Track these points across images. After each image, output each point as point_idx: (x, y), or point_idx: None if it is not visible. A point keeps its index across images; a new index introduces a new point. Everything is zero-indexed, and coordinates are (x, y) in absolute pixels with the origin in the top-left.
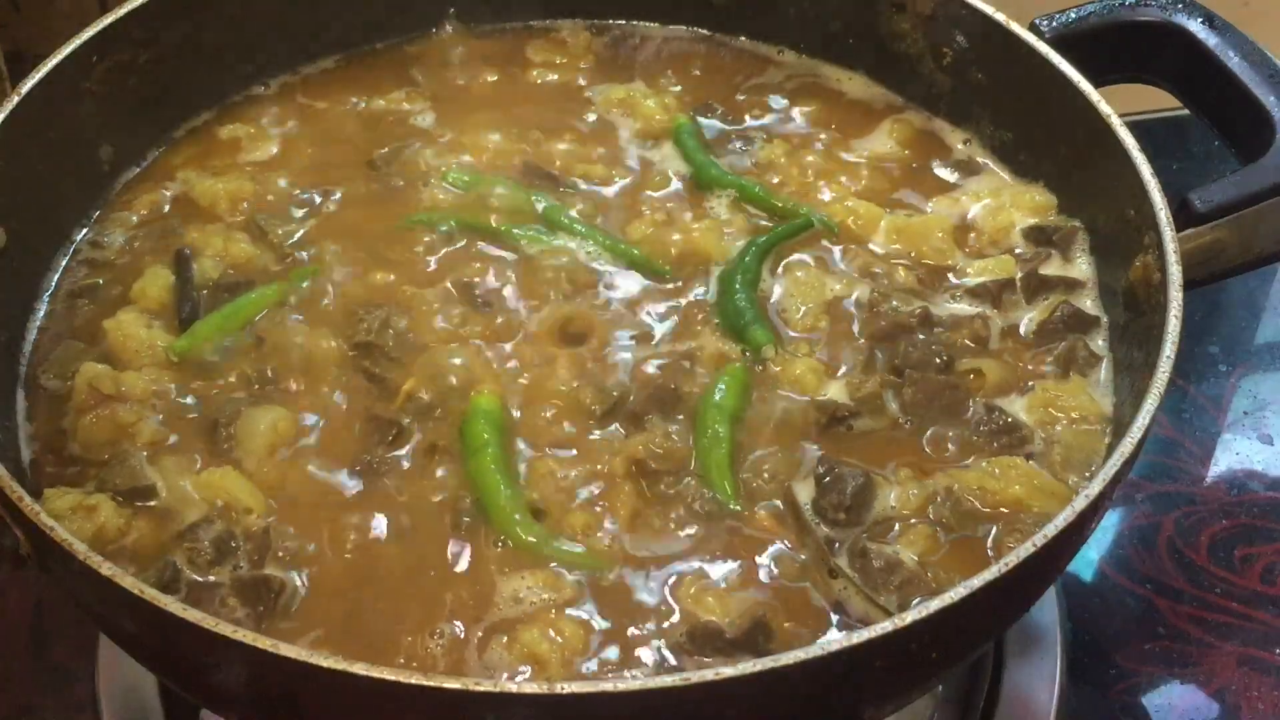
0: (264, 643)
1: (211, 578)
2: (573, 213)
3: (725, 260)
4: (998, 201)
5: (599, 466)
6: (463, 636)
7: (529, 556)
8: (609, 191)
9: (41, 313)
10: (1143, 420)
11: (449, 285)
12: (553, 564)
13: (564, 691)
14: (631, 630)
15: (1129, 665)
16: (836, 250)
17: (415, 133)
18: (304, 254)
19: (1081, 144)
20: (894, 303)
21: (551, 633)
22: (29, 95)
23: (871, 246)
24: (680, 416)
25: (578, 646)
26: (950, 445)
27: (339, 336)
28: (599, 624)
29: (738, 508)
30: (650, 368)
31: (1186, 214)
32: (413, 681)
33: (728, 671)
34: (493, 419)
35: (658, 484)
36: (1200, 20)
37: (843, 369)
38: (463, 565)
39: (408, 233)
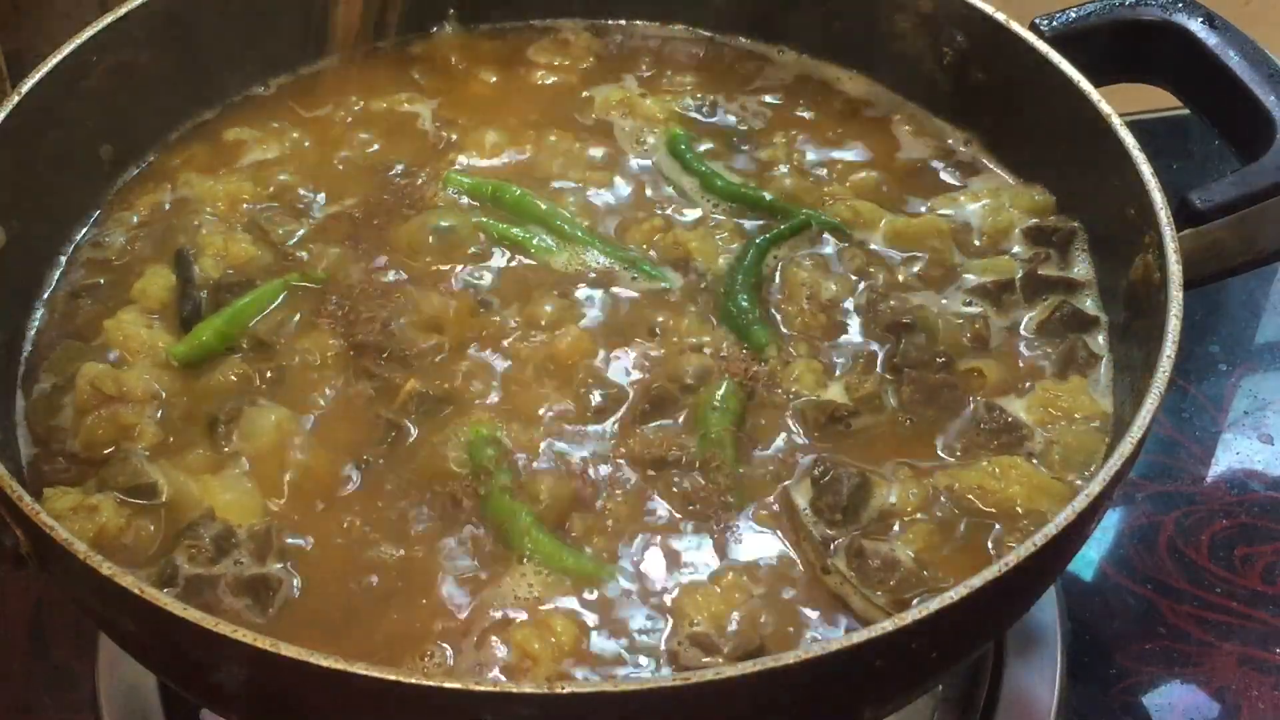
0: (264, 642)
1: (212, 576)
2: (572, 214)
3: (725, 261)
4: (997, 201)
5: (599, 468)
6: (460, 635)
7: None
8: (609, 193)
9: (41, 313)
10: (1143, 420)
11: (449, 286)
12: (566, 573)
13: (564, 691)
14: (629, 630)
15: (1129, 665)
16: (836, 250)
17: (415, 133)
18: (304, 254)
19: (1081, 144)
20: (893, 302)
21: (547, 633)
22: (29, 95)
23: (871, 246)
24: (681, 418)
25: (574, 646)
26: (950, 444)
27: (339, 336)
28: (597, 625)
29: (737, 508)
30: (651, 370)
31: (1186, 213)
32: (413, 681)
33: (728, 671)
34: (496, 443)
35: (657, 485)
36: (1200, 20)
37: (842, 369)
38: (461, 564)
39: (408, 233)
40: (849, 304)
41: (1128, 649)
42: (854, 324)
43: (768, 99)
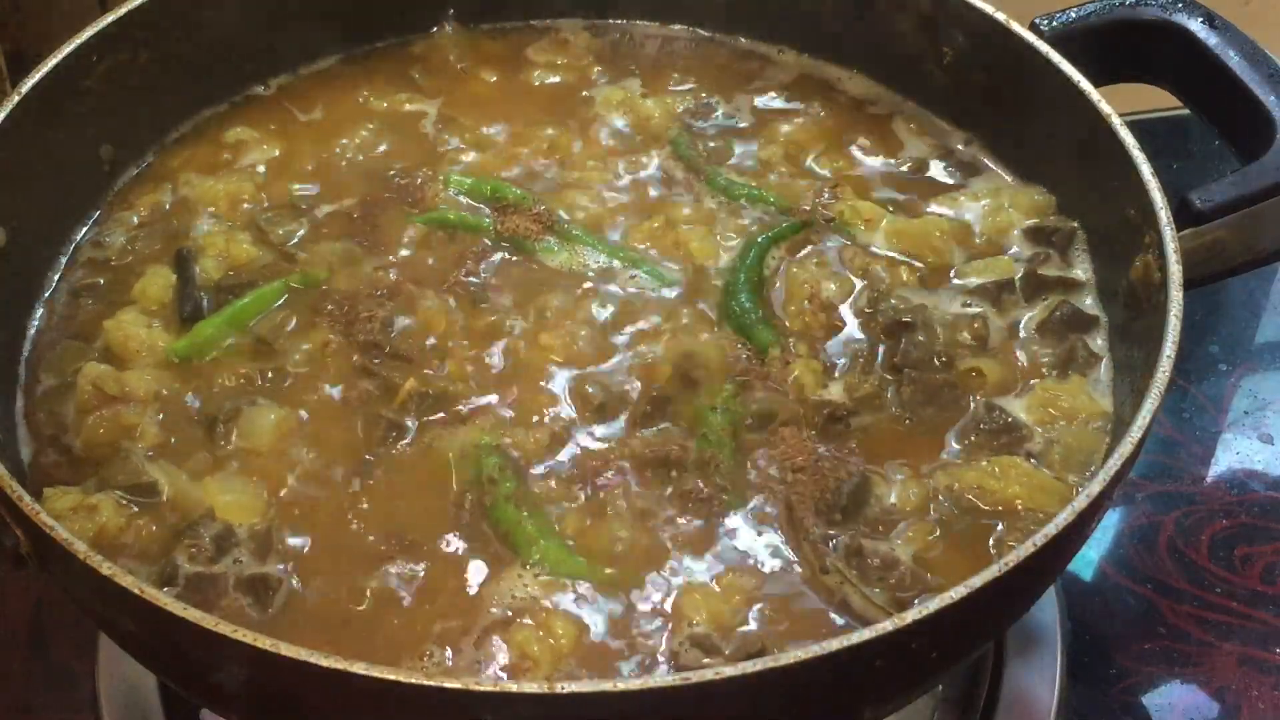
0: (264, 642)
1: (212, 575)
2: (571, 214)
3: (725, 261)
4: (997, 202)
5: (599, 469)
6: (460, 635)
7: (521, 557)
8: (609, 192)
9: (41, 313)
10: (1143, 420)
11: (449, 285)
12: (573, 578)
13: (564, 691)
14: (630, 631)
15: (1129, 665)
16: (836, 250)
17: (415, 133)
18: (304, 254)
19: (1081, 144)
20: (893, 302)
21: (547, 634)
22: (29, 95)
23: (872, 246)
24: (681, 419)
25: (574, 647)
26: (950, 444)
27: (339, 336)
28: (595, 625)
29: (737, 509)
30: (651, 370)
31: (1186, 213)
32: (412, 681)
33: (728, 671)
34: (499, 451)
35: (658, 486)
36: (1200, 20)
37: (842, 369)
38: (461, 565)
39: (407, 233)
40: (849, 304)
41: (1128, 649)
42: (854, 323)
43: (768, 99)
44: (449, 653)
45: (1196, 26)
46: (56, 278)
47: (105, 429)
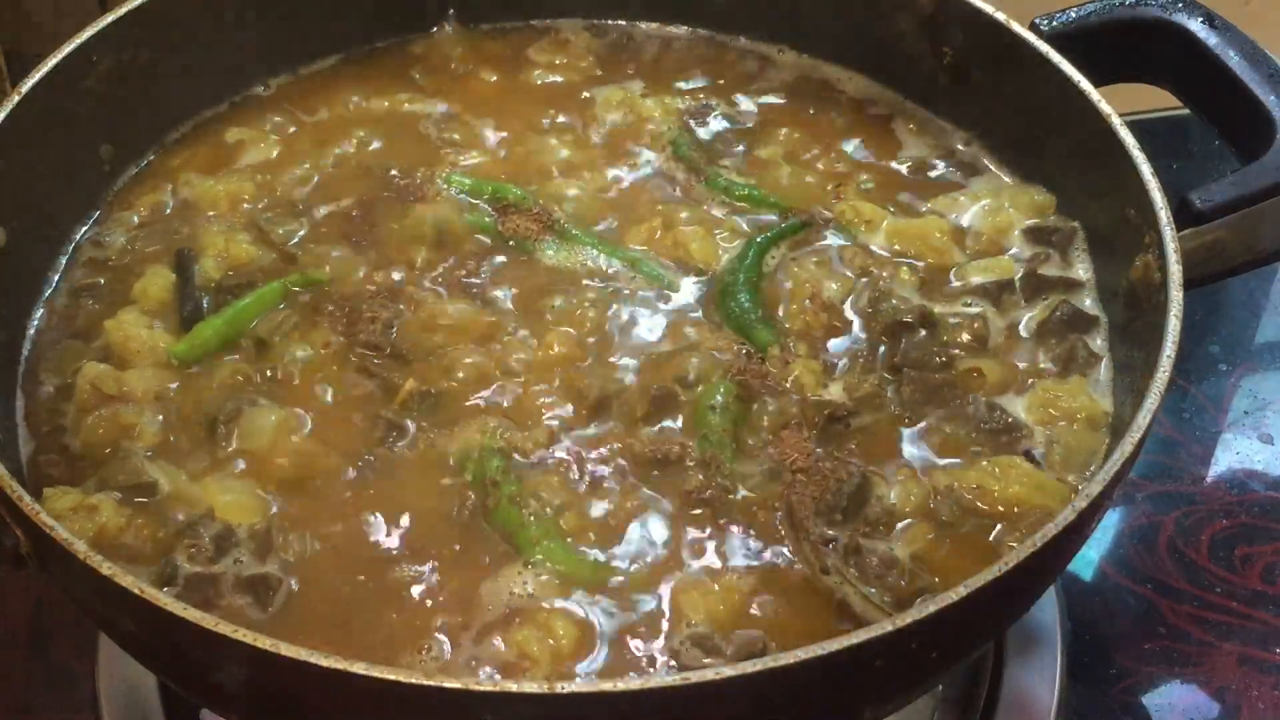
0: (264, 642)
1: (212, 575)
2: (571, 214)
3: (725, 261)
4: (997, 202)
5: (599, 468)
6: (458, 635)
7: (524, 557)
8: (609, 193)
9: (41, 313)
10: (1143, 420)
11: (450, 286)
12: (578, 579)
13: (564, 691)
14: (630, 631)
15: (1129, 665)
16: (836, 250)
17: (415, 133)
18: (305, 254)
19: (1081, 144)
20: (894, 302)
21: (547, 634)
22: (29, 95)
23: (872, 246)
24: (681, 418)
25: (574, 647)
26: (949, 444)
27: (340, 336)
28: (595, 624)
29: (737, 509)
30: (651, 369)
31: (1186, 213)
32: (412, 681)
33: (728, 671)
34: (501, 453)
35: (658, 486)
36: (1200, 19)
37: (841, 369)
38: (460, 564)
39: (408, 233)
40: (849, 304)
41: (1128, 649)
42: (854, 323)
43: (768, 99)
44: (447, 647)
45: (1196, 26)
46: (56, 278)
47: (105, 429)
